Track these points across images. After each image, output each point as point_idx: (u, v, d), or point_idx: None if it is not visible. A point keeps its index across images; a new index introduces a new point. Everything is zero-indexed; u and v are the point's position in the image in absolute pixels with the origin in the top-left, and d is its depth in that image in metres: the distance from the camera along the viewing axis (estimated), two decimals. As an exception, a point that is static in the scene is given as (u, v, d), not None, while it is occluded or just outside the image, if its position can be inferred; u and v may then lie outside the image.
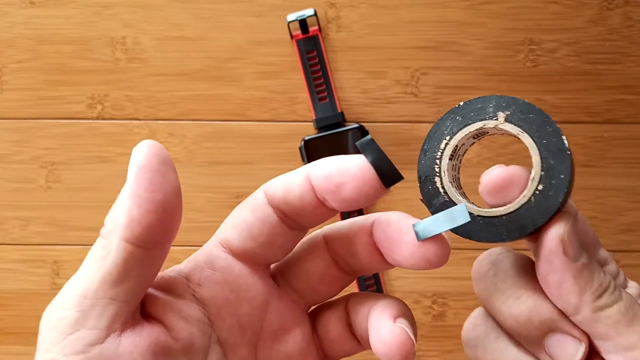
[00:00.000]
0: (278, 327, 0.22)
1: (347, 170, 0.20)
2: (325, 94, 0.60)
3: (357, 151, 0.21)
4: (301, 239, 0.23)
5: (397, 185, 0.21)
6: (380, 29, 0.61)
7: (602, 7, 0.61)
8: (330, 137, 0.58)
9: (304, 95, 0.61)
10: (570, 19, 0.61)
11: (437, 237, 0.21)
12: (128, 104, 0.61)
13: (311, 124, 0.61)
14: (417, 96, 0.61)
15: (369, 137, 0.21)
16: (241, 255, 0.22)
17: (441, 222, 0.21)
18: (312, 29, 0.60)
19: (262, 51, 0.61)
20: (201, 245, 0.23)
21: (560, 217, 0.22)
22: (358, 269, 0.23)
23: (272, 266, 0.23)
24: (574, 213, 0.24)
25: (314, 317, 0.24)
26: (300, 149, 0.59)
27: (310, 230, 0.23)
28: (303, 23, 0.60)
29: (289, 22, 0.60)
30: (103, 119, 0.61)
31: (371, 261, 0.22)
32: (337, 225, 0.24)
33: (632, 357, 0.22)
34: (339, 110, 0.60)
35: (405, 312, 0.22)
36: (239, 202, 0.22)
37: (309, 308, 0.24)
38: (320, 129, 0.59)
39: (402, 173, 0.21)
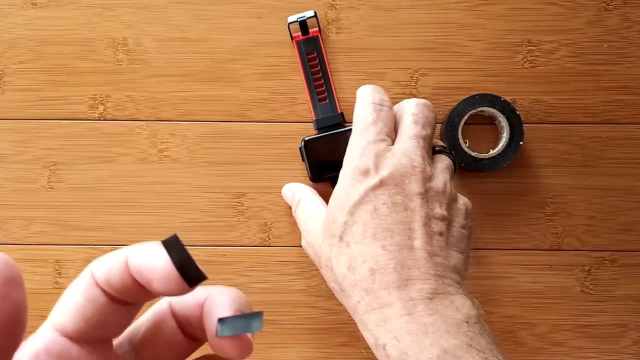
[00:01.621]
0: None
1: (154, 267, 0.20)
2: (325, 94, 0.60)
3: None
4: (138, 311, 0.23)
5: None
6: (380, 30, 0.61)
7: (600, 8, 0.61)
8: (330, 137, 0.59)
9: (305, 96, 0.61)
10: (569, 20, 0.61)
11: (235, 337, 0.21)
12: (130, 104, 0.62)
13: (312, 124, 0.61)
14: (416, 97, 0.61)
15: (174, 235, 0.21)
16: (77, 337, 0.21)
17: (240, 325, 0.21)
18: (312, 30, 0.61)
19: (262, 52, 0.62)
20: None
21: None
22: (202, 337, 0.23)
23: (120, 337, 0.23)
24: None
25: None
26: (300, 149, 0.59)
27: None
28: (303, 24, 0.60)
29: (289, 23, 0.60)
30: (105, 119, 0.62)
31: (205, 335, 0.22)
32: (181, 296, 0.23)
33: None
34: (339, 111, 0.60)
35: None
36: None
37: None
38: (320, 129, 0.60)
39: None
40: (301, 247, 0.60)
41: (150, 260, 0.20)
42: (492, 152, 0.59)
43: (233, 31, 0.62)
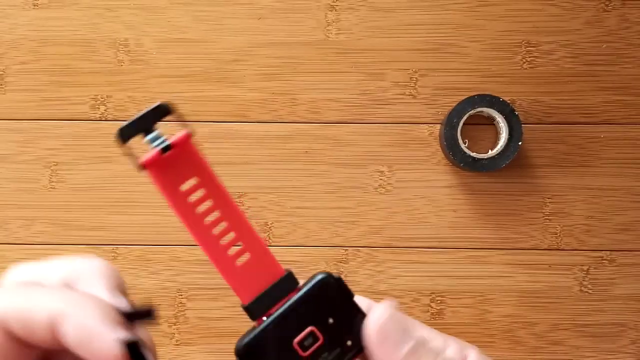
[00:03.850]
0: None
1: (99, 353, 0.17)
2: (240, 244, 0.22)
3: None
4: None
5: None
6: (379, 31, 0.62)
7: (598, 9, 0.62)
8: (291, 314, 0.23)
9: (305, 96, 0.62)
10: (568, 21, 0.62)
11: None
12: (131, 105, 0.62)
13: (312, 124, 0.61)
14: (416, 97, 0.62)
15: (135, 343, 0.18)
16: None
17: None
18: (179, 137, 0.23)
19: (262, 53, 0.62)
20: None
21: (378, 307, 0.21)
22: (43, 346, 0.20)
23: None
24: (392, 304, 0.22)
25: None
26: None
27: None
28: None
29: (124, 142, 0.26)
30: (106, 119, 0.62)
31: None
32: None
33: None
34: (281, 268, 0.23)
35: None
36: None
37: None
38: (259, 316, 0.23)
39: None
40: (301, 246, 0.60)
41: (96, 344, 0.17)
42: (491, 153, 0.59)
43: (233, 32, 0.62)
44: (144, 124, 0.21)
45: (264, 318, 0.21)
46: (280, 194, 0.61)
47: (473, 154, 0.59)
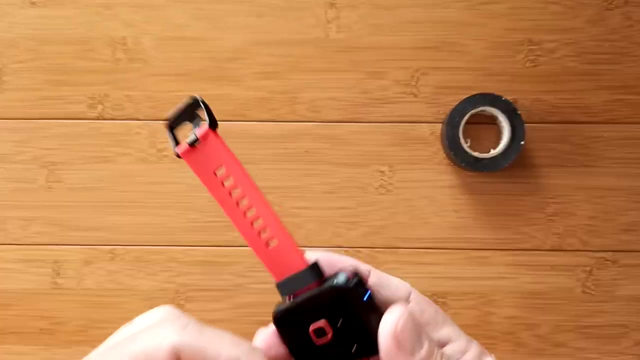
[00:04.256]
0: None
1: None
2: (268, 231, 0.26)
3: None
4: None
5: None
6: (380, 29, 0.61)
7: (601, 7, 0.61)
8: (308, 302, 0.26)
9: (305, 94, 0.61)
10: (570, 20, 0.61)
11: None
12: (128, 104, 0.61)
13: (312, 123, 0.61)
14: (417, 96, 0.61)
15: None
16: None
17: None
18: (200, 133, 0.25)
19: (262, 51, 0.61)
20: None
21: (391, 310, 0.21)
22: None
23: None
24: (407, 294, 0.23)
25: None
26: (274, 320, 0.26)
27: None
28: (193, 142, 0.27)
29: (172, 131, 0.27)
30: (103, 119, 0.62)
31: None
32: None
33: None
34: (304, 260, 0.25)
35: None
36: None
37: None
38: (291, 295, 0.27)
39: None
40: (301, 247, 0.60)
41: None
42: (493, 152, 0.59)
43: (233, 30, 0.62)
44: (182, 117, 0.23)
45: (291, 298, 0.23)
46: (280, 194, 0.61)
47: (475, 154, 0.58)
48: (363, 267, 0.24)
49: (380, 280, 0.24)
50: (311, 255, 0.23)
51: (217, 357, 0.19)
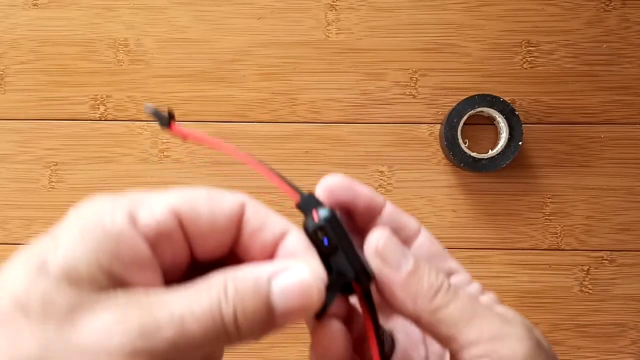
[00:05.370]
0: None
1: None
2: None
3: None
4: None
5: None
6: (380, 31, 0.62)
7: (599, 9, 0.62)
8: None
9: (305, 96, 0.61)
10: (568, 21, 0.62)
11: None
12: (130, 105, 0.62)
13: (312, 124, 0.61)
14: (416, 97, 0.62)
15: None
16: None
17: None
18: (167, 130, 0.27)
19: (263, 53, 0.62)
20: None
21: (372, 232, 0.22)
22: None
23: None
24: (417, 229, 0.25)
25: None
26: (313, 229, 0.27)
27: None
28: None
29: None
30: (106, 119, 0.62)
31: None
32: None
33: (476, 354, 0.21)
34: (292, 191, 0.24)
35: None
36: None
37: None
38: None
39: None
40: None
41: (269, 231, 0.20)
42: (492, 152, 0.59)
43: (234, 32, 0.62)
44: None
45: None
46: (281, 194, 0.61)
47: (473, 154, 0.59)
48: (378, 200, 0.26)
49: (391, 216, 0.26)
50: (331, 179, 0.25)
51: (227, 203, 0.20)
